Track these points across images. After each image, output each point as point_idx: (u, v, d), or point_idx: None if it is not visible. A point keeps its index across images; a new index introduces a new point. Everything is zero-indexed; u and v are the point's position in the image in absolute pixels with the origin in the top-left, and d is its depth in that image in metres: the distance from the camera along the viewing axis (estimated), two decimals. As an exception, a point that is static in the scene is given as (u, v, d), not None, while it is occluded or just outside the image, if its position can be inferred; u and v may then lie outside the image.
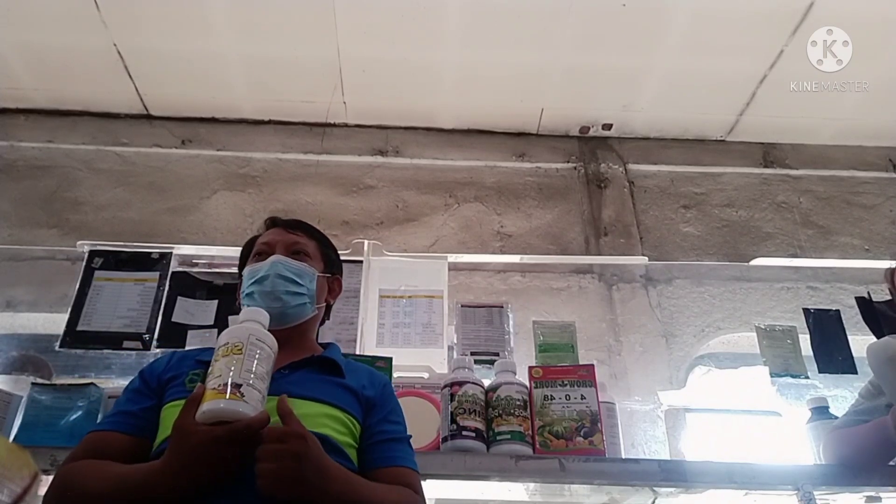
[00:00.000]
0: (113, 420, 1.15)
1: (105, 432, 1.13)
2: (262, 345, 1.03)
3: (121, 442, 1.11)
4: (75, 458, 1.09)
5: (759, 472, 1.52)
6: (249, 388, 0.96)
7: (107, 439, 1.11)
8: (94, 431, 1.15)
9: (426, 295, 2.13)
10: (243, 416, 0.94)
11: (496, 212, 2.70)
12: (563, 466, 1.48)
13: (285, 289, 1.28)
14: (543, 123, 2.87)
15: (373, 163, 2.79)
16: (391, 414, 1.22)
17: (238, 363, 0.98)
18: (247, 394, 0.95)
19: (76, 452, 1.10)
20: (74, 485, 1.03)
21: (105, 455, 1.08)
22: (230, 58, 2.56)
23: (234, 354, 0.99)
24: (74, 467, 1.06)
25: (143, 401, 1.16)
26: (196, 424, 0.94)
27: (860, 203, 2.82)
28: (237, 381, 0.96)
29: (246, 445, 0.94)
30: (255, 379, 0.98)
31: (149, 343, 1.97)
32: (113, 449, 1.09)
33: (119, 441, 1.11)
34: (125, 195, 2.63)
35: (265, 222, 1.45)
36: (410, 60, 2.57)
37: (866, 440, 1.55)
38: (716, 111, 2.82)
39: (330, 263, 1.43)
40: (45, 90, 2.70)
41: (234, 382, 0.95)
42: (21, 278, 2.37)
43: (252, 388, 0.97)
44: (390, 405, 1.24)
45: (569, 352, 1.94)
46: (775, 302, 2.51)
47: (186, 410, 0.96)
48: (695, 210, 2.77)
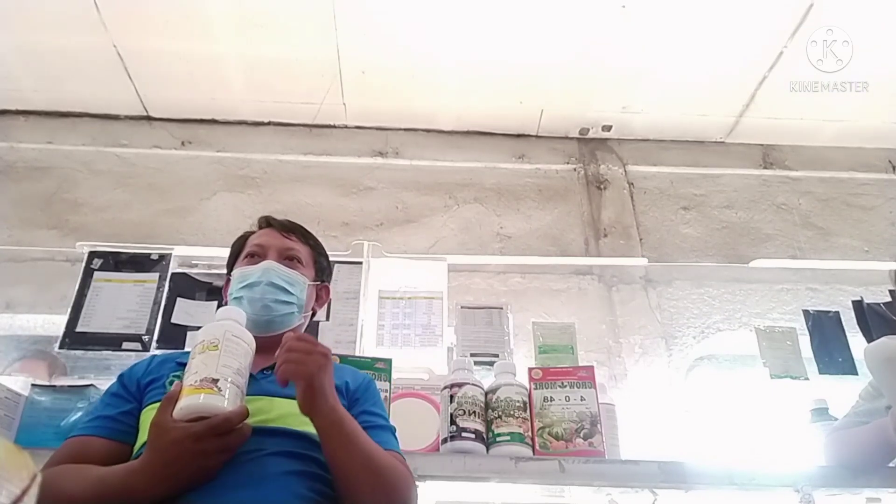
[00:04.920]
0: (92, 425, 1.13)
1: (84, 437, 1.11)
2: (238, 341, 1.02)
3: (101, 446, 1.09)
4: (54, 463, 1.08)
5: (759, 474, 1.52)
6: (227, 383, 0.95)
7: (86, 444, 1.10)
8: (73, 437, 1.13)
9: (426, 296, 2.12)
10: (221, 410, 0.93)
11: (496, 213, 2.70)
12: (563, 468, 1.47)
13: (275, 297, 1.26)
14: (543, 125, 2.87)
15: (372, 164, 2.79)
16: (374, 406, 1.22)
17: (214, 359, 0.97)
18: (224, 389, 0.94)
19: (55, 458, 1.09)
20: (53, 489, 1.00)
21: (85, 460, 1.06)
22: (230, 59, 2.56)
23: (210, 351, 0.98)
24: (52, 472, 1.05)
25: (122, 404, 1.15)
26: (173, 421, 0.93)
27: (860, 204, 2.82)
28: (214, 377, 0.95)
29: (224, 440, 0.94)
30: (233, 374, 0.97)
31: (148, 344, 1.96)
32: (93, 453, 1.08)
33: (99, 445, 1.09)
34: (125, 196, 2.62)
35: (259, 221, 1.42)
36: (410, 62, 2.57)
37: (866, 442, 1.55)
38: (715, 112, 2.82)
39: (321, 271, 1.41)
40: (44, 91, 2.70)
41: (210, 378, 0.94)
42: (20, 279, 2.37)
43: (229, 383, 0.96)
44: (373, 398, 1.24)
45: (568, 353, 1.94)
46: (775, 303, 2.51)
47: (164, 408, 0.95)
48: (694, 211, 2.77)
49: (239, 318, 1.09)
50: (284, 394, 1.09)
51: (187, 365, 0.99)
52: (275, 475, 1.01)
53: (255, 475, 0.99)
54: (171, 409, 0.94)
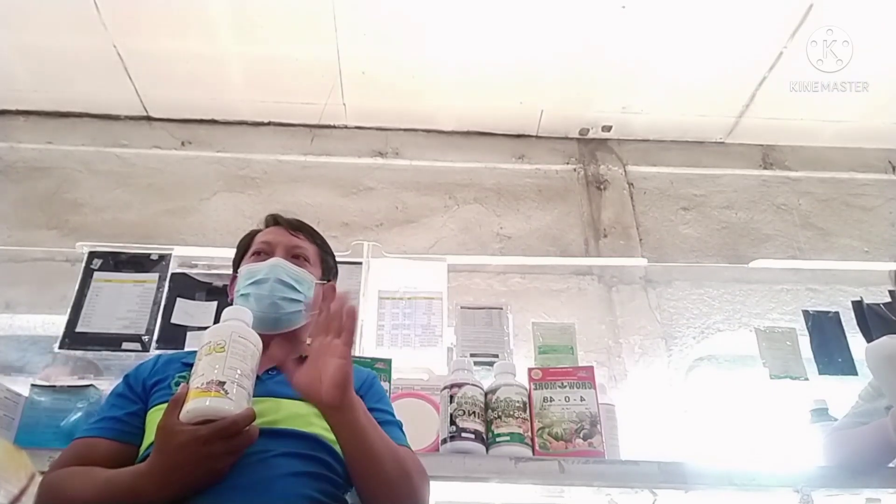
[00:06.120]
0: (98, 426, 1.13)
1: (90, 439, 1.11)
2: (245, 342, 1.01)
3: (106, 448, 1.09)
4: (60, 465, 1.08)
5: (759, 474, 1.52)
6: (234, 386, 0.95)
7: (92, 446, 1.10)
8: (78, 438, 1.13)
9: (426, 296, 2.13)
10: (228, 413, 0.92)
11: (496, 213, 2.70)
12: (563, 468, 1.47)
13: (283, 294, 1.25)
14: (543, 125, 2.87)
15: (372, 164, 2.79)
16: (380, 402, 1.21)
17: (221, 361, 0.96)
18: (231, 391, 0.94)
19: (61, 460, 1.09)
20: (60, 492, 1.01)
21: (91, 462, 1.06)
22: (230, 59, 2.56)
23: (216, 352, 0.97)
24: (59, 474, 1.05)
25: (128, 405, 1.15)
26: (180, 424, 0.92)
27: (860, 205, 2.82)
28: (221, 379, 0.94)
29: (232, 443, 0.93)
30: (240, 376, 0.96)
31: (148, 344, 1.96)
32: (98, 455, 1.07)
33: (104, 447, 1.09)
34: (125, 196, 2.62)
35: (266, 219, 1.41)
36: (410, 62, 2.57)
37: (866, 442, 1.55)
38: (715, 113, 2.82)
39: (327, 270, 1.40)
40: (44, 91, 2.70)
41: (217, 380, 0.94)
42: (20, 279, 2.37)
43: (237, 386, 0.95)
44: (379, 394, 1.23)
45: (568, 353, 1.94)
46: (775, 304, 2.51)
47: (170, 411, 0.94)
48: (694, 212, 2.77)
49: (245, 318, 1.08)
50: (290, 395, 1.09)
51: (194, 366, 0.99)
52: (282, 476, 1.01)
53: (263, 477, 0.99)
54: (177, 412, 0.93)
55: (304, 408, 1.09)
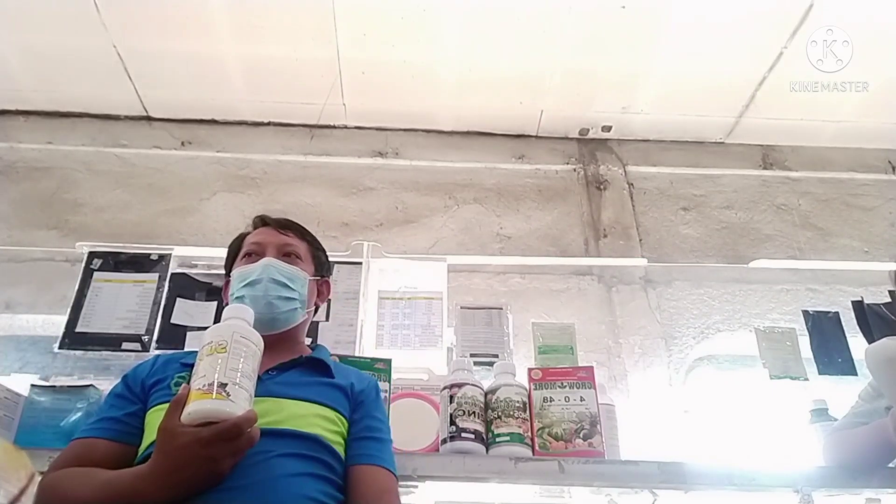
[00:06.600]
0: (97, 426, 1.13)
1: (89, 439, 1.11)
2: (246, 342, 1.00)
3: (106, 448, 1.09)
4: (59, 465, 1.08)
5: (759, 474, 1.52)
6: (235, 387, 0.94)
7: (91, 446, 1.10)
8: (77, 438, 1.13)
9: (425, 296, 2.12)
10: (230, 415, 0.92)
11: (496, 213, 2.70)
12: (563, 468, 1.47)
13: (277, 294, 1.26)
14: (543, 125, 2.87)
15: (372, 164, 2.79)
16: (376, 411, 1.22)
17: (223, 362, 0.96)
18: (233, 393, 0.93)
19: (60, 460, 1.09)
20: (60, 492, 1.01)
21: (90, 462, 1.06)
22: (230, 59, 2.56)
23: (218, 353, 0.97)
24: (59, 475, 1.05)
25: (127, 406, 1.15)
26: (182, 426, 0.92)
27: (859, 205, 2.82)
28: (223, 381, 0.93)
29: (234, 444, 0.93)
30: (241, 377, 0.96)
31: (148, 344, 1.96)
32: (98, 456, 1.08)
33: (104, 448, 1.09)
34: (124, 196, 2.62)
35: (254, 221, 1.42)
36: (410, 62, 2.57)
37: (866, 442, 1.55)
38: (715, 113, 2.82)
39: (320, 266, 1.41)
40: (44, 91, 2.70)
41: (219, 382, 0.93)
42: (20, 279, 2.37)
43: (238, 387, 0.94)
44: (377, 403, 1.24)
45: (568, 353, 1.94)
46: (774, 304, 2.51)
47: (171, 412, 0.94)
48: (694, 212, 2.77)
49: (247, 317, 1.07)
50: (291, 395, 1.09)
51: (195, 367, 0.98)
52: (283, 477, 1.01)
53: (264, 477, 0.99)
54: (179, 414, 0.93)
55: (305, 408, 1.10)
